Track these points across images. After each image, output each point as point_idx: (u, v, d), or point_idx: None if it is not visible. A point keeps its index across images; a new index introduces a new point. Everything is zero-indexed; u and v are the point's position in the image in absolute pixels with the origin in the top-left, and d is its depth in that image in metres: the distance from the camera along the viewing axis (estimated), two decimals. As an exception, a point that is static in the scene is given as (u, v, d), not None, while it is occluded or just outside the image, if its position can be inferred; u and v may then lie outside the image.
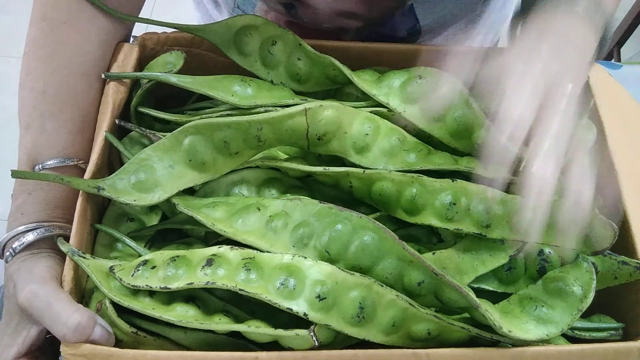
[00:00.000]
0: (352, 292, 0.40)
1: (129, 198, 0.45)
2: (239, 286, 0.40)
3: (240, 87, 0.49)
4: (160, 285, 0.41)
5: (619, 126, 0.51)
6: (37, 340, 0.43)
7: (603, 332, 0.45)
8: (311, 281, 0.41)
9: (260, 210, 0.45)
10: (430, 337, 0.41)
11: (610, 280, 0.45)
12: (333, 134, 0.47)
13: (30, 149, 0.47)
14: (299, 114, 0.45)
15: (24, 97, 0.48)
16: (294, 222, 0.44)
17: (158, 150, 0.46)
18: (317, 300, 0.40)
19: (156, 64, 0.52)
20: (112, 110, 0.49)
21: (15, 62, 0.50)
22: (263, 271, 0.42)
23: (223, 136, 0.45)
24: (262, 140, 0.46)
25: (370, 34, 0.61)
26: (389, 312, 0.41)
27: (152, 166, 0.46)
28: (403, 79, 0.50)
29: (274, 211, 0.45)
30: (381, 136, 0.48)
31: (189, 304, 0.42)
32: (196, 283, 0.41)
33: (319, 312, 0.40)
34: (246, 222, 0.45)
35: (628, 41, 1.44)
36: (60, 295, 0.41)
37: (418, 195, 0.45)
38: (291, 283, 0.41)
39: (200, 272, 0.41)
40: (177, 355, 0.39)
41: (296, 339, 0.40)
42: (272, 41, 0.51)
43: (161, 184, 0.46)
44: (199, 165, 0.46)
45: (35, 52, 0.49)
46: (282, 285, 0.41)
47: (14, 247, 0.44)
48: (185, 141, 0.45)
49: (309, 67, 0.52)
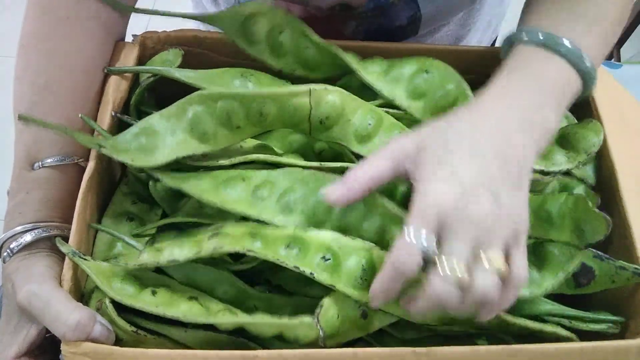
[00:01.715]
0: (355, 255, 0.42)
1: (126, 157, 0.45)
2: (246, 248, 0.41)
3: (241, 82, 0.50)
4: (167, 259, 0.42)
5: (619, 126, 0.51)
6: (37, 339, 0.43)
7: (601, 324, 0.45)
8: (316, 245, 0.42)
9: (244, 181, 0.46)
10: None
11: (608, 283, 0.45)
12: (336, 119, 0.47)
13: (30, 146, 0.47)
14: (303, 94, 0.46)
15: (22, 91, 0.48)
16: (279, 189, 0.45)
17: (163, 117, 0.46)
18: (322, 261, 0.42)
19: (154, 62, 0.53)
20: (112, 108, 0.49)
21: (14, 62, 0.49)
22: (267, 239, 0.43)
23: (226, 107, 0.45)
24: (265, 116, 0.46)
25: (371, 25, 0.61)
26: None
27: (155, 130, 0.46)
28: (411, 70, 0.50)
29: (258, 181, 0.46)
30: (383, 129, 0.49)
31: (192, 301, 0.42)
32: (203, 251, 0.42)
33: (324, 272, 0.41)
34: (232, 192, 0.45)
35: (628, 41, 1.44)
36: (60, 293, 0.41)
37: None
38: (296, 247, 0.42)
39: (206, 243, 0.42)
40: (178, 354, 0.39)
41: (301, 327, 0.40)
42: (280, 29, 0.51)
43: (161, 148, 0.46)
44: (200, 135, 0.46)
45: (36, 46, 0.49)
46: (288, 248, 0.42)
47: (11, 247, 0.44)
48: (190, 110, 0.46)
49: (318, 55, 0.52)
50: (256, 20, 0.51)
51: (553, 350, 0.40)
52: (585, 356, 0.40)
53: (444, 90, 0.49)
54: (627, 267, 0.44)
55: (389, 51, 0.54)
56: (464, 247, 0.37)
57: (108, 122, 0.49)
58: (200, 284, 0.45)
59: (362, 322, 0.42)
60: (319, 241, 0.43)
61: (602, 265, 0.45)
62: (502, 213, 0.37)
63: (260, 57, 0.52)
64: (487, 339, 0.47)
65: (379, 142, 0.48)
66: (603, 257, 0.45)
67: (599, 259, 0.45)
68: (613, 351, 0.40)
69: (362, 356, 0.39)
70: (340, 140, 0.48)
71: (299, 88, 0.46)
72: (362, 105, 0.48)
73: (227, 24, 0.52)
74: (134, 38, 0.54)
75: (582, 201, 0.43)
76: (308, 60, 0.52)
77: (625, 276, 0.45)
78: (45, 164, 0.46)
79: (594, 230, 0.42)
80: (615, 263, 0.44)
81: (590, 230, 0.42)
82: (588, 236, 0.43)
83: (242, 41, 0.52)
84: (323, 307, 0.41)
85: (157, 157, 0.45)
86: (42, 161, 0.46)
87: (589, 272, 0.45)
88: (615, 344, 0.41)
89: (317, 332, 0.40)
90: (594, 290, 0.46)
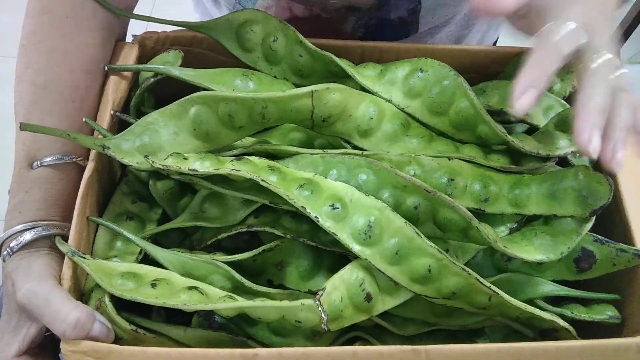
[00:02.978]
0: (364, 210, 0.42)
1: (132, 160, 0.45)
2: (261, 177, 0.42)
3: (242, 81, 0.50)
4: (189, 167, 0.43)
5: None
6: (37, 337, 0.43)
7: (602, 315, 0.45)
8: (328, 193, 0.43)
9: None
10: (430, 275, 0.42)
11: (609, 267, 0.45)
12: (338, 116, 0.47)
13: (29, 145, 0.47)
14: (305, 96, 0.46)
15: (22, 91, 0.48)
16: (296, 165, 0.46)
17: (165, 116, 0.46)
18: (330, 209, 0.42)
19: (154, 63, 0.52)
20: (111, 108, 0.49)
21: (14, 62, 0.50)
22: (285, 176, 0.44)
23: (228, 109, 0.45)
24: (267, 118, 0.46)
25: (370, 19, 0.61)
26: (395, 238, 0.42)
27: (157, 130, 0.46)
28: (405, 72, 0.51)
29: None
30: (385, 120, 0.49)
31: (191, 290, 0.42)
32: (222, 169, 0.43)
33: (328, 220, 0.42)
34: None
35: (628, 41, 1.44)
36: (59, 292, 0.41)
37: (416, 175, 0.46)
38: (308, 190, 0.43)
39: (227, 164, 0.43)
40: (177, 352, 0.39)
41: (303, 310, 0.40)
42: (274, 37, 0.51)
43: (164, 149, 0.46)
44: (202, 135, 0.46)
45: (36, 46, 0.49)
46: (301, 188, 0.43)
47: (11, 246, 0.44)
48: (192, 110, 0.46)
49: (311, 62, 0.52)
50: (250, 28, 0.51)
51: (553, 348, 0.40)
52: (585, 354, 0.40)
53: (440, 87, 0.49)
54: (627, 249, 0.45)
55: (389, 50, 0.54)
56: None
57: (108, 121, 0.49)
58: (197, 278, 0.44)
59: (365, 305, 0.42)
60: (333, 190, 0.43)
61: (603, 249, 0.45)
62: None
63: (254, 65, 0.52)
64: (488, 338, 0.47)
65: (380, 136, 0.49)
66: (603, 241, 0.45)
67: (599, 242, 0.45)
68: (613, 349, 0.40)
69: (362, 355, 0.39)
70: (343, 134, 0.49)
71: (300, 90, 0.46)
72: (364, 99, 0.49)
73: (221, 32, 0.52)
74: (133, 38, 0.54)
75: (582, 168, 0.44)
76: (301, 67, 0.52)
77: (625, 258, 0.45)
78: (44, 163, 0.46)
79: (597, 195, 0.43)
80: (616, 246, 0.45)
81: (594, 195, 0.43)
82: (592, 202, 0.43)
83: (236, 49, 0.52)
84: (326, 290, 0.41)
85: (160, 158, 0.46)
86: (41, 160, 0.47)
87: (590, 256, 0.45)
88: (615, 342, 0.41)
89: (320, 315, 0.40)
90: (595, 275, 0.46)
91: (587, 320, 0.45)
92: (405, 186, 0.44)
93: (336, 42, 0.54)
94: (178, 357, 0.38)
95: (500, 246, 0.42)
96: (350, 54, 0.54)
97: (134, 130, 0.46)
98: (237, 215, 0.47)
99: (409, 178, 0.43)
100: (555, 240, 0.44)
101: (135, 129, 0.46)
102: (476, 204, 0.46)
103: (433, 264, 0.41)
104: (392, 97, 0.50)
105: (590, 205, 0.43)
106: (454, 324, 0.46)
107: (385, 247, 0.42)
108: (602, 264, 0.45)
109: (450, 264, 0.41)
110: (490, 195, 0.46)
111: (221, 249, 0.50)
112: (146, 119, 0.46)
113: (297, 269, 0.46)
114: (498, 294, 0.42)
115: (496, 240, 0.42)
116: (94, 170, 0.46)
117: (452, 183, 0.46)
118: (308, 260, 0.46)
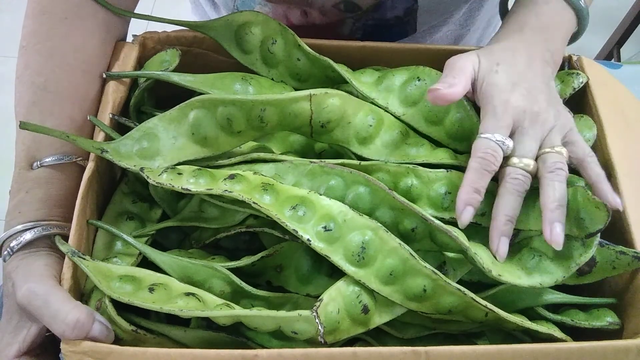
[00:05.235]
0: (357, 231, 0.42)
1: (129, 163, 0.46)
2: (253, 200, 0.42)
3: (241, 86, 0.50)
4: (182, 186, 0.43)
5: (619, 126, 0.51)
6: (37, 338, 0.43)
7: (602, 322, 0.45)
8: (321, 213, 0.43)
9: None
10: (426, 295, 0.42)
11: (609, 270, 0.45)
12: (337, 122, 0.47)
13: (29, 146, 0.47)
14: (303, 99, 0.46)
15: (22, 91, 0.48)
16: (288, 184, 0.46)
17: (164, 121, 0.46)
18: (322, 230, 0.42)
19: (152, 63, 0.53)
20: (111, 109, 0.49)
21: (15, 62, 0.50)
22: (278, 196, 0.43)
23: (226, 113, 0.45)
24: (265, 121, 0.46)
25: (368, 19, 0.61)
26: (389, 259, 0.42)
27: (156, 135, 0.46)
28: (402, 79, 0.50)
29: (267, 176, 0.46)
30: (384, 129, 0.49)
31: (189, 297, 0.42)
32: (215, 189, 0.43)
33: (321, 242, 0.42)
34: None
35: (628, 41, 1.44)
36: (59, 292, 0.40)
37: (413, 186, 0.46)
38: (302, 210, 0.43)
39: (221, 182, 0.44)
40: (177, 353, 0.39)
41: (299, 322, 0.40)
42: (273, 39, 0.51)
43: (163, 153, 0.46)
44: (201, 140, 0.46)
45: (35, 46, 0.49)
46: (293, 209, 0.43)
47: (11, 245, 0.44)
48: (191, 114, 0.46)
49: (309, 66, 0.52)
50: (249, 30, 0.51)
51: (553, 350, 0.40)
52: (585, 356, 0.40)
53: None
54: (627, 251, 0.44)
55: (387, 51, 0.55)
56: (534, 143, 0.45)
57: (107, 123, 0.49)
58: (197, 283, 0.44)
59: (362, 318, 0.42)
60: (326, 209, 0.43)
61: (603, 252, 0.45)
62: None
63: (252, 67, 0.52)
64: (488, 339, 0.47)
65: (379, 143, 0.49)
66: (603, 244, 0.45)
67: (599, 245, 0.45)
68: (613, 351, 0.40)
69: (362, 356, 0.39)
70: (342, 142, 0.48)
71: (299, 93, 0.46)
72: (362, 107, 0.48)
73: (221, 32, 0.52)
74: (134, 38, 0.54)
75: (581, 191, 0.43)
76: (299, 71, 0.52)
77: (625, 261, 0.45)
78: (44, 163, 0.46)
79: (595, 219, 0.42)
80: (616, 248, 0.45)
81: (591, 219, 0.42)
82: (588, 226, 0.42)
83: (234, 50, 0.52)
84: (322, 302, 0.40)
85: (159, 163, 0.46)
86: (41, 160, 0.47)
87: (590, 259, 0.45)
88: (615, 344, 0.41)
89: (316, 327, 0.40)
90: (595, 278, 0.46)
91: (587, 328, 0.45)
92: (402, 209, 0.44)
93: (338, 43, 0.54)
94: (178, 358, 0.38)
95: (495, 275, 0.42)
96: (351, 55, 0.54)
97: (134, 134, 0.46)
98: (236, 217, 0.47)
99: (406, 204, 0.43)
100: (552, 266, 0.44)
101: (135, 134, 0.46)
102: (473, 218, 0.45)
103: (428, 284, 0.41)
104: (389, 104, 0.50)
105: (587, 229, 0.43)
106: (453, 329, 0.46)
107: (379, 267, 0.42)
108: (602, 267, 0.45)
109: (445, 285, 0.41)
110: (487, 209, 0.45)
111: (220, 249, 0.50)
112: (146, 124, 0.46)
113: (295, 272, 0.46)
114: (494, 311, 0.42)
115: (490, 269, 0.42)
116: (94, 171, 0.46)
117: (450, 196, 0.46)
118: (307, 264, 0.46)
